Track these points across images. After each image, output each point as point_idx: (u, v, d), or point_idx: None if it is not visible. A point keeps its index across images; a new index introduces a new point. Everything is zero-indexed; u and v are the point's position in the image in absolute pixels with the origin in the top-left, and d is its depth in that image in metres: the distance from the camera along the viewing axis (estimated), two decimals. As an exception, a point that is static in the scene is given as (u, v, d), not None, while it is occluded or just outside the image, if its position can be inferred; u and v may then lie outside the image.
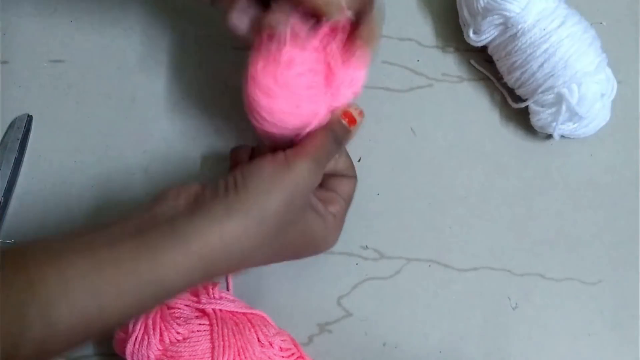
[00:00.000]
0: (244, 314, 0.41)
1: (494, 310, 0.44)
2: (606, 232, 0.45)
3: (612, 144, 0.47)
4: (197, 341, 0.38)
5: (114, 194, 0.45)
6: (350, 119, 0.37)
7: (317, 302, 0.44)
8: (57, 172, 0.45)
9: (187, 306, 0.40)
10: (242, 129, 0.46)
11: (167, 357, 0.38)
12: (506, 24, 0.43)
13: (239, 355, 0.38)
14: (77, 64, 0.47)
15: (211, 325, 0.39)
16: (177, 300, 0.40)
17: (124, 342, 0.39)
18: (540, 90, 0.43)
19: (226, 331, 0.39)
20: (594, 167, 0.46)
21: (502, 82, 0.46)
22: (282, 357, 0.40)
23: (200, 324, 0.39)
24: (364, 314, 0.44)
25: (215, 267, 0.32)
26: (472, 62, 0.47)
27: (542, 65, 0.42)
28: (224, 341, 0.38)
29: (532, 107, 0.44)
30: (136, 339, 0.38)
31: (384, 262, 0.45)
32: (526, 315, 0.44)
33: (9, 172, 0.44)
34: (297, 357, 0.41)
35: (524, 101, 0.45)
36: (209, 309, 0.40)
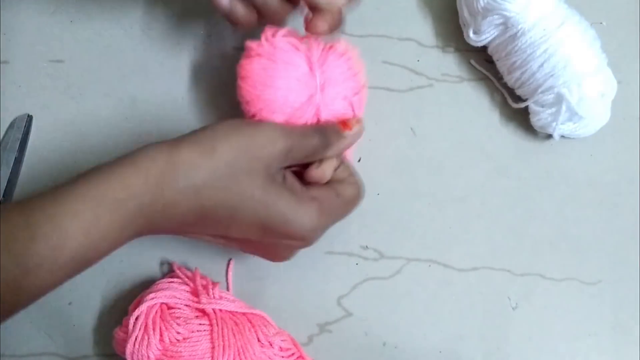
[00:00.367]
0: (244, 314, 0.41)
1: (494, 310, 0.44)
2: (606, 232, 0.45)
3: (612, 144, 0.47)
4: (197, 341, 0.38)
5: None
6: (344, 124, 0.38)
7: (317, 302, 0.44)
8: (57, 172, 0.45)
9: (187, 306, 0.40)
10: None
11: (167, 357, 0.38)
12: (506, 24, 0.43)
13: (239, 355, 0.38)
14: (77, 64, 0.47)
15: (211, 325, 0.39)
16: (177, 300, 0.40)
17: (124, 342, 0.39)
18: (540, 90, 0.43)
19: (226, 331, 0.39)
20: (594, 167, 0.46)
21: (502, 82, 0.46)
22: (282, 357, 0.40)
23: (200, 324, 0.39)
24: (364, 314, 0.44)
25: (168, 193, 0.32)
26: (472, 62, 0.47)
27: (542, 65, 0.42)
28: (224, 341, 0.38)
29: (532, 107, 0.44)
30: (136, 339, 0.38)
31: (384, 262, 0.45)
32: (526, 315, 0.44)
33: (9, 172, 0.44)
34: (297, 357, 0.41)
35: (524, 101, 0.45)
36: (209, 309, 0.40)
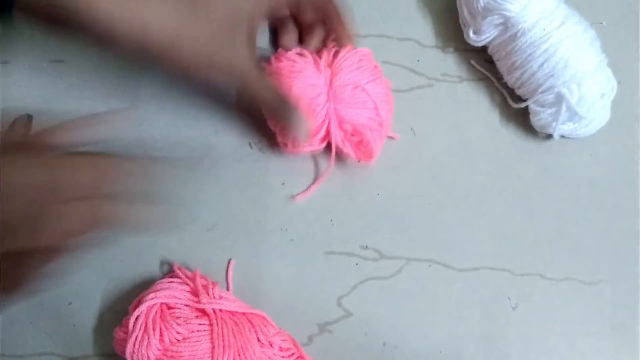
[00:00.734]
0: (244, 314, 0.41)
1: (494, 310, 0.44)
2: (606, 232, 0.45)
3: (612, 144, 0.47)
4: (197, 341, 0.38)
5: (114, 194, 0.45)
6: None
7: (317, 302, 0.44)
8: (57, 172, 0.45)
9: (187, 306, 0.40)
10: (241, 129, 0.46)
11: (167, 357, 0.38)
12: (506, 24, 0.43)
13: (239, 355, 0.38)
14: (77, 64, 0.47)
15: (211, 325, 0.39)
16: (177, 300, 0.40)
17: (124, 342, 0.39)
18: (540, 90, 0.43)
19: (226, 331, 0.39)
20: (594, 167, 0.46)
21: (502, 82, 0.46)
22: (282, 357, 0.40)
23: (200, 324, 0.39)
24: (364, 314, 0.44)
25: None
26: (472, 62, 0.47)
27: (542, 65, 0.42)
28: (224, 341, 0.38)
29: (532, 107, 0.44)
30: (136, 339, 0.38)
31: (384, 262, 0.45)
32: (526, 315, 0.44)
33: None
34: (297, 357, 0.41)
35: (524, 101, 0.45)
36: (209, 309, 0.40)
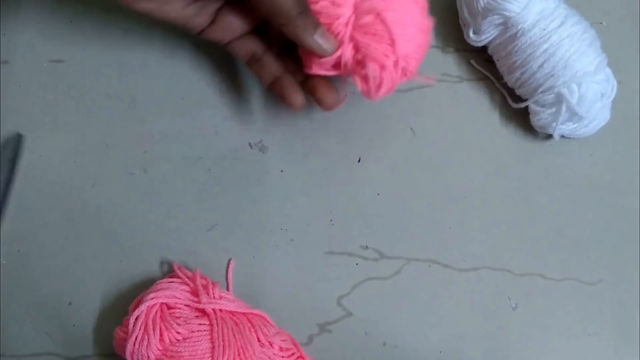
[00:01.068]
0: (244, 314, 0.41)
1: (494, 310, 0.44)
2: (606, 232, 0.45)
3: (612, 144, 0.47)
4: (197, 341, 0.38)
5: (114, 194, 0.45)
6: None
7: (317, 302, 0.44)
8: (56, 172, 0.45)
9: (187, 306, 0.40)
10: (241, 129, 0.46)
11: (167, 357, 0.38)
12: (506, 24, 0.43)
13: (239, 355, 0.38)
14: (77, 64, 0.47)
15: (211, 325, 0.39)
16: (177, 300, 0.40)
17: (124, 342, 0.39)
18: (540, 90, 0.43)
19: (226, 331, 0.39)
20: (594, 167, 0.46)
21: (502, 82, 0.46)
22: (282, 357, 0.40)
23: (200, 324, 0.39)
24: (364, 314, 0.44)
25: None
26: (472, 62, 0.47)
27: (542, 65, 0.42)
28: (224, 341, 0.38)
29: (532, 107, 0.44)
30: (136, 339, 0.38)
31: (384, 262, 0.45)
32: (526, 315, 0.44)
33: (0, 194, 0.44)
34: (297, 357, 0.41)
35: (524, 101, 0.45)
36: (209, 309, 0.40)
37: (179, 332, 0.38)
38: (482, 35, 0.44)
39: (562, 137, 0.45)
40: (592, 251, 0.45)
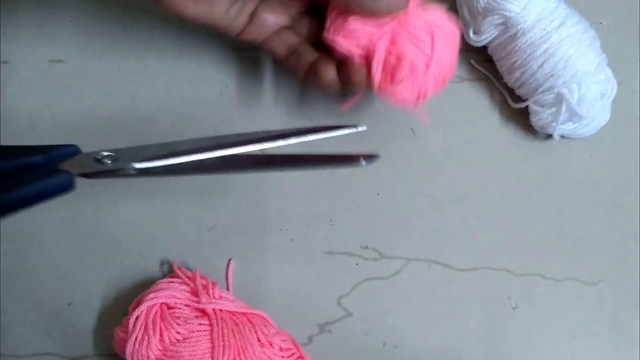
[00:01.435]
0: (244, 314, 0.41)
1: (494, 310, 0.44)
2: (606, 232, 0.45)
3: (612, 144, 0.47)
4: (197, 341, 0.38)
5: (114, 194, 0.45)
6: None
7: (317, 302, 0.44)
8: (57, 172, 0.45)
9: (187, 306, 0.40)
10: (241, 129, 0.46)
11: (167, 357, 0.38)
12: (506, 24, 0.43)
13: (239, 355, 0.38)
14: (77, 64, 0.47)
15: (211, 325, 0.39)
16: (177, 300, 0.40)
17: (124, 342, 0.39)
18: (540, 90, 0.43)
19: (226, 331, 0.39)
20: (594, 167, 0.46)
21: (502, 82, 0.46)
22: (282, 357, 0.40)
23: (200, 324, 0.39)
24: (364, 314, 0.44)
25: None
26: (472, 62, 0.47)
27: (542, 65, 0.42)
28: (224, 341, 0.38)
29: (532, 107, 0.44)
30: (136, 339, 0.38)
31: (384, 262, 0.45)
32: (526, 315, 0.44)
33: None
34: (297, 357, 0.41)
35: (524, 101, 0.45)
36: (209, 309, 0.40)
37: (179, 332, 0.38)
38: (482, 35, 0.44)
39: (562, 137, 0.45)
40: (592, 251, 0.45)
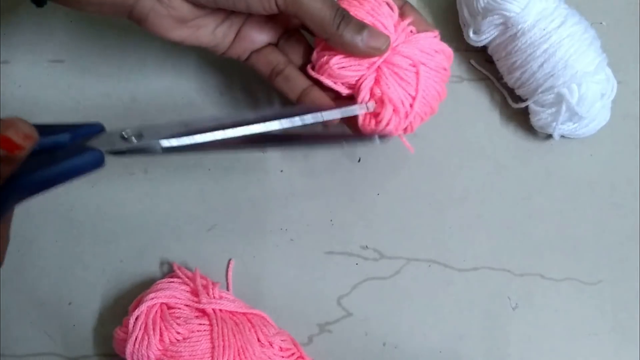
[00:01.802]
0: (244, 314, 0.41)
1: (494, 310, 0.44)
2: (606, 232, 0.45)
3: (612, 144, 0.47)
4: (197, 341, 0.38)
5: (114, 194, 0.45)
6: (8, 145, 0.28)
7: (317, 302, 0.44)
8: (57, 172, 0.45)
9: (187, 306, 0.40)
10: (242, 129, 0.46)
11: (167, 357, 0.38)
12: (506, 24, 0.43)
13: (239, 355, 0.38)
14: (77, 64, 0.47)
15: (211, 325, 0.39)
16: (177, 300, 0.40)
17: (124, 342, 0.39)
18: (540, 90, 0.43)
19: (226, 331, 0.39)
20: (594, 167, 0.46)
21: (502, 82, 0.46)
22: (282, 357, 0.40)
23: (200, 324, 0.39)
24: (364, 314, 0.44)
25: None
26: (472, 62, 0.47)
27: (542, 65, 0.42)
28: (224, 341, 0.38)
29: (532, 107, 0.44)
30: (136, 339, 0.38)
31: (384, 262, 0.45)
32: (526, 315, 0.44)
33: None
34: (297, 357, 0.41)
35: (524, 101, 0.45)
36: (209, 309, 0.40)
37: (179, 332, 0.38)
38: (482, 35, 0.44)
39: (562, 137, 0.45)
40: (592, 251, 0.45)
